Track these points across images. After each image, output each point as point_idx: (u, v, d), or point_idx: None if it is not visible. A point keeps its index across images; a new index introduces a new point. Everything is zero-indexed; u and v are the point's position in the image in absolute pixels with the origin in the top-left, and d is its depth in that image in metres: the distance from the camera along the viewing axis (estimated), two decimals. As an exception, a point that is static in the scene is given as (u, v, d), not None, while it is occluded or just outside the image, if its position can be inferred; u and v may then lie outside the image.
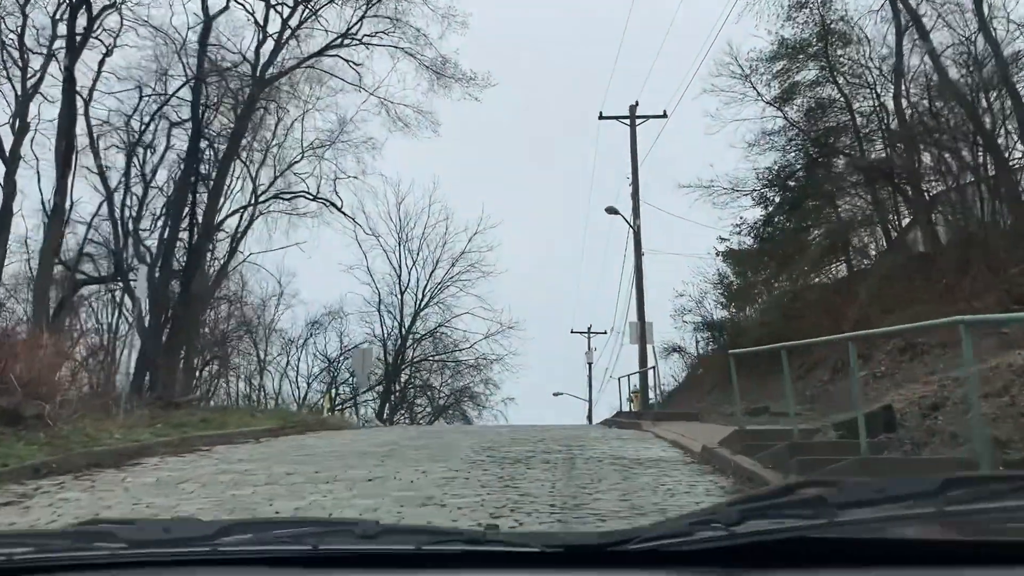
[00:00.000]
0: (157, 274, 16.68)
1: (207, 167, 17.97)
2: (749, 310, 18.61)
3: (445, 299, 31.16)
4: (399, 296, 30.98)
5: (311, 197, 21.21)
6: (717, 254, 18.72)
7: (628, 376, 16.00)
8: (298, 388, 30.33)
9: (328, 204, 21.08)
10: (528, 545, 0.81)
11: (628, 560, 0.79)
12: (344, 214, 21.16)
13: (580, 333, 32.15)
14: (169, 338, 16.01)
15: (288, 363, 30.58)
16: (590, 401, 31.34)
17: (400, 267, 31.47)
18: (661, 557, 0.78)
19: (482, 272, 30.74)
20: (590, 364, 31.88)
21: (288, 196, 21.01)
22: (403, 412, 31.35)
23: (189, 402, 12.08)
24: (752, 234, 17.58)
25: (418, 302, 31.00)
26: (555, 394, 32.39)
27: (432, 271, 31.26)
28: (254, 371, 30.23)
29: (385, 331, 30.91)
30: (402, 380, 31.42)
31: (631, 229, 16.62)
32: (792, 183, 16.89)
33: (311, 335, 30.78)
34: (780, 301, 16.04)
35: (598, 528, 3.19)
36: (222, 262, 21.09)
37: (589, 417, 32.12)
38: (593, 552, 0.80)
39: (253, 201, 20.39)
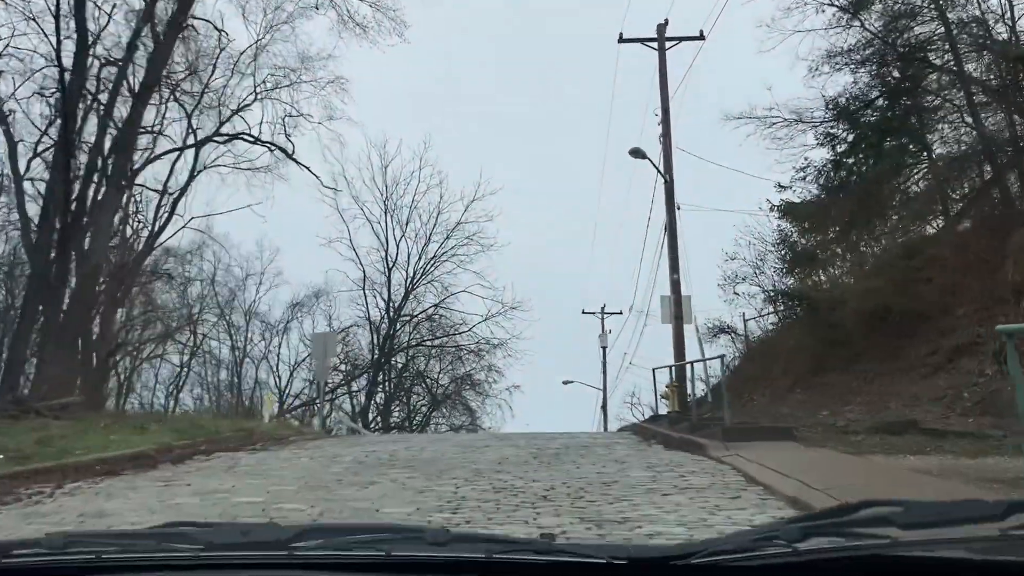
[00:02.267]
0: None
1: (108, 97, 17.47)
2: (823, 275, 18.31)
3: (440, 277, 33.06)
4: (386, 273, 32.53)
5: (252, 140, 21.51)
6: (771, 208, 18.37)
7: (671, 367, 15.61)
8: (278, 377, 33.17)
9: (274, 148, 21.41)
10: (594, 556, 1.10)
11: (691, 573, 1.07)
12: (296, 162, 21.52)
13: (592, 314, 34.51)
14: (45, 322, 14.96)
15: (268, 350, 33.49)
16: (604, 392, 33.49)
17: (387, 240, 33.30)
18: (723, 572, 1.06)
19: (481, 246, 32.59)
20: (604, 349, 34.03)
21: (223, 139, 21.35)
22: (398, 404, 33.87)
23: (64, 407, 11.52)
24: (820, 179, 17.30)
25: (408, 280, 32.40)
26: (565, 382, 34.96)
27: (425, 245, 32.98)
28: (233, 361, 32.65)
29: (379, 313, 33.09)
30: (398, 368, 33.81)
31: (661, 178, 16.78)
32: (871, 113, 16.44)
33: (293, 318, 32.95)
34: (890, 259, 14.88)
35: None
36: (145, 227, 21.55)
37: (604, 408, 33.90)
38: (657, 564, 1.09)
39: (191, 143, 20.74)
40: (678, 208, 16.76)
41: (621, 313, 31.54)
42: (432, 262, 32.93)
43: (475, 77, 55.72)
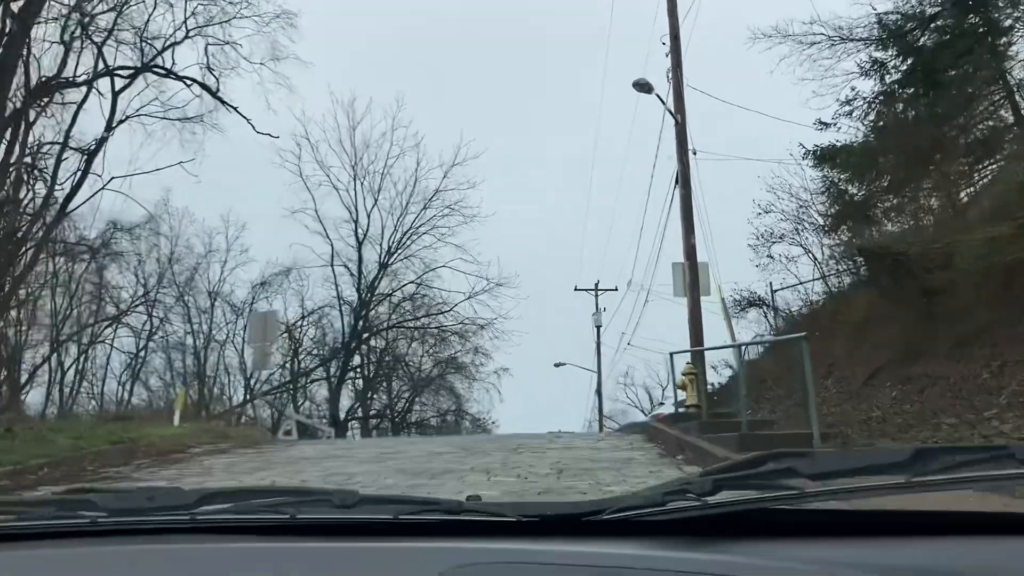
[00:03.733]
0: None
1: None
2: (876, 231, 17.29)
3: (419, 252, 34.75)
4: (357, 247, 34.40)
5: (164, 72, 21.40)
6: (806, 154, 17.71)
7: (710, 349, 15.61)
8: (243, 363, 34.72)
9: (191, 83, 21.39)
10: (504, 515, 1.32)
11: (602, 529, 1.29)
12: (221, 100, 21.67)
13: (586, 291, 37.64)
14: None
15: (234, 333, 35.41)
16: (599, 375, 37.00)
17: (357, 209, 34.88)
18: (634, 526, 1.28)
19: (463, 216, 34.51)
20: (598, 328, 37.07)
21: (127, 72, 21.22)
22: (374, 392, 36.16)
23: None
24: (871, 115, 16.63)
25: (383, 255, 33.55)
26: (556, 365, 38.76)
27: (400, 216, 34.65)
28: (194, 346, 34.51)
29: (356, 292, 34.60)
30: (377, 352, 36.10)
31: (667, 124, 16.93)
32: (928, 34, 15.77)
33: (258, 299, 35.01)
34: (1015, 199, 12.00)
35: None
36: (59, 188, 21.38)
37: (599, 393, 37.42)
38: (568, 521, 1.30)
39: (103, 72, 20.60)
40: (693, 154, 16.83)
41: (616, 290, 33.95)
42: (409, 235, 34.12)
43: (450, 26, 56.13)
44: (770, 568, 1.17)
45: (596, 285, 37.17)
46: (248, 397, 31.62)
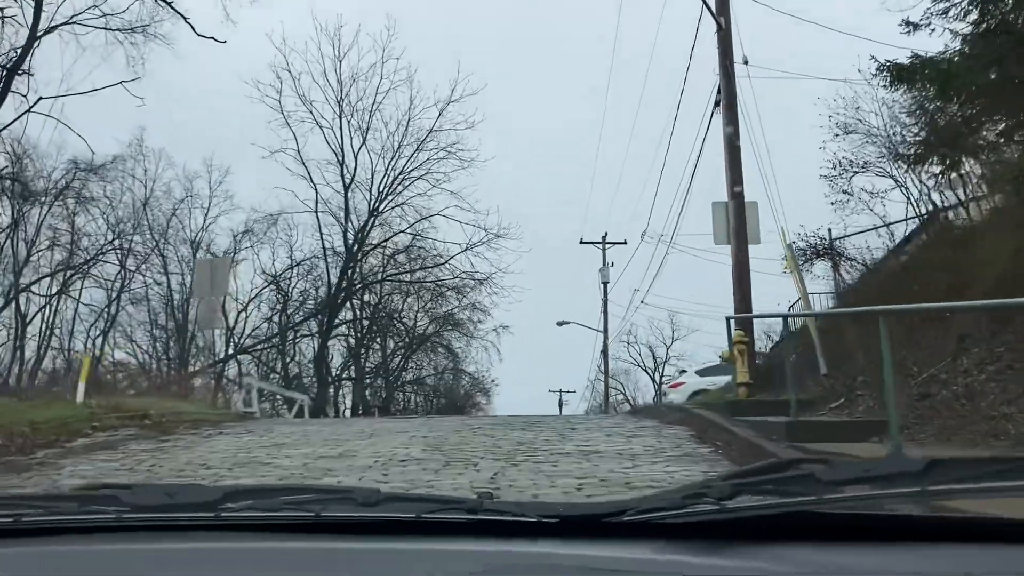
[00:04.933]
0: None
1: None
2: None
3: (412, 200, 35.58)
4: (343, 191, 35.32)
5: None
6: (879, 70, 14.85)
7: (821, 315, 14.86)
8: (225, 315, 35.57)
9: None
10: (525, 515, 1.54)
11: (621, 531, 1.51)
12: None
13: (592, 243, 39.20)
14: None
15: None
16: (606, 335, 38.48)
17: (343, 150, 35.36)
18: (653, 529, 1.51)
19: (460, 160, 34.83)
20: (605, 284, 38.49)
21: None
22: (371, 351, 37.65)
23: None
24: (972, 13, 13.79)
25: (372, 200, 34.00)
26: (559, 323, 40.98)
27: (392, 159, 35.46)
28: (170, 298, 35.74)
29: (343, 241, 35.48)
30: (370, 307, 37.34)
31: (707, 26, 16.60)
32: None
33: (238, 248, 36.72)
34: None
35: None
36: None
37: (604, 353, 38.90)
38: (587, 522, 1.53)
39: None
40: (744, 63, 16.36)
41: (626, 243, 35.46)
42: (400, 179, 34.45)
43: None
44: (788, 573, 1.36)
45: (604, 238, 38.47)
46: (229, 353, 32.11)
